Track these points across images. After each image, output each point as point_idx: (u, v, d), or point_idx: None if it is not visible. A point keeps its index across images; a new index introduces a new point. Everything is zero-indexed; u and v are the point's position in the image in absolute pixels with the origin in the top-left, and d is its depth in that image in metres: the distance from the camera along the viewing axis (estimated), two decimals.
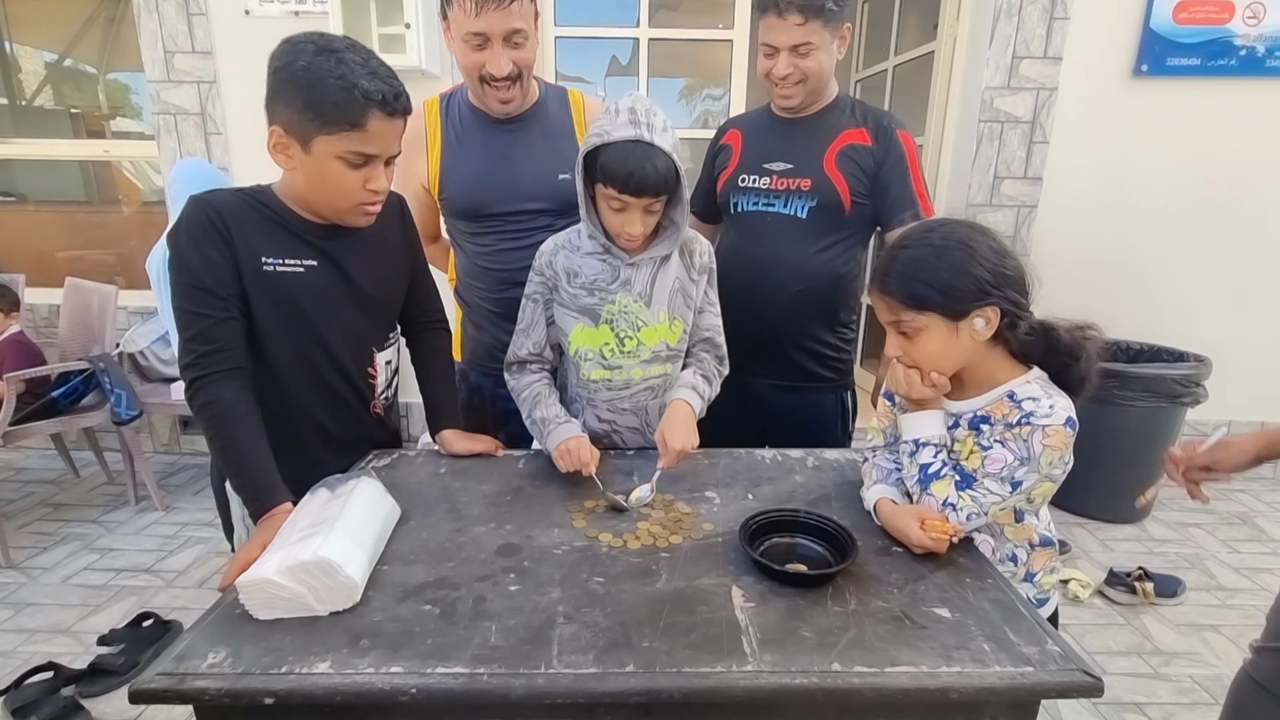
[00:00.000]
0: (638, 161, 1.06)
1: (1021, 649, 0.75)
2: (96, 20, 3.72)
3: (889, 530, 0.97)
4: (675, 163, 1.09)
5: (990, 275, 0.88)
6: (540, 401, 1.26)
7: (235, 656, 0.73)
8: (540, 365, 1.31)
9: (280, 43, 0.98)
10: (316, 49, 0.94)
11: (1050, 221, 2.71)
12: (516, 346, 1.30)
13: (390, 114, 0.98)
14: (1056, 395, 0.91)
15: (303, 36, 0.97)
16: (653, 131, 1.07)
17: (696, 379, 1.26)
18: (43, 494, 2.76)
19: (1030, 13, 2.52)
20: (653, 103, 1.11)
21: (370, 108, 0.95)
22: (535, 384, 1.28)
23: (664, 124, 1.10)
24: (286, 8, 2.59)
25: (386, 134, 1.00)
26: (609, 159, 1.07)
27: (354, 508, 0.91)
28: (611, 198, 1.10)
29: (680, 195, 1.15)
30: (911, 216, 1.43)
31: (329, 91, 0.93)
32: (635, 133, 1.06)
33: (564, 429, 1.20)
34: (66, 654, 1.79)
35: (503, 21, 1.23)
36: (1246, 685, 1.13)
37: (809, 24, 1.33)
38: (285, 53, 0.96)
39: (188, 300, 1.00)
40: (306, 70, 0.93)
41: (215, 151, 2.74)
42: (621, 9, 2.91)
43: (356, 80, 0.94)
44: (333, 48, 0.95)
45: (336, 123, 0.95)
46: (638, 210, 1.11)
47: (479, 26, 1.22)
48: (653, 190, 1.08)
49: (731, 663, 0.73)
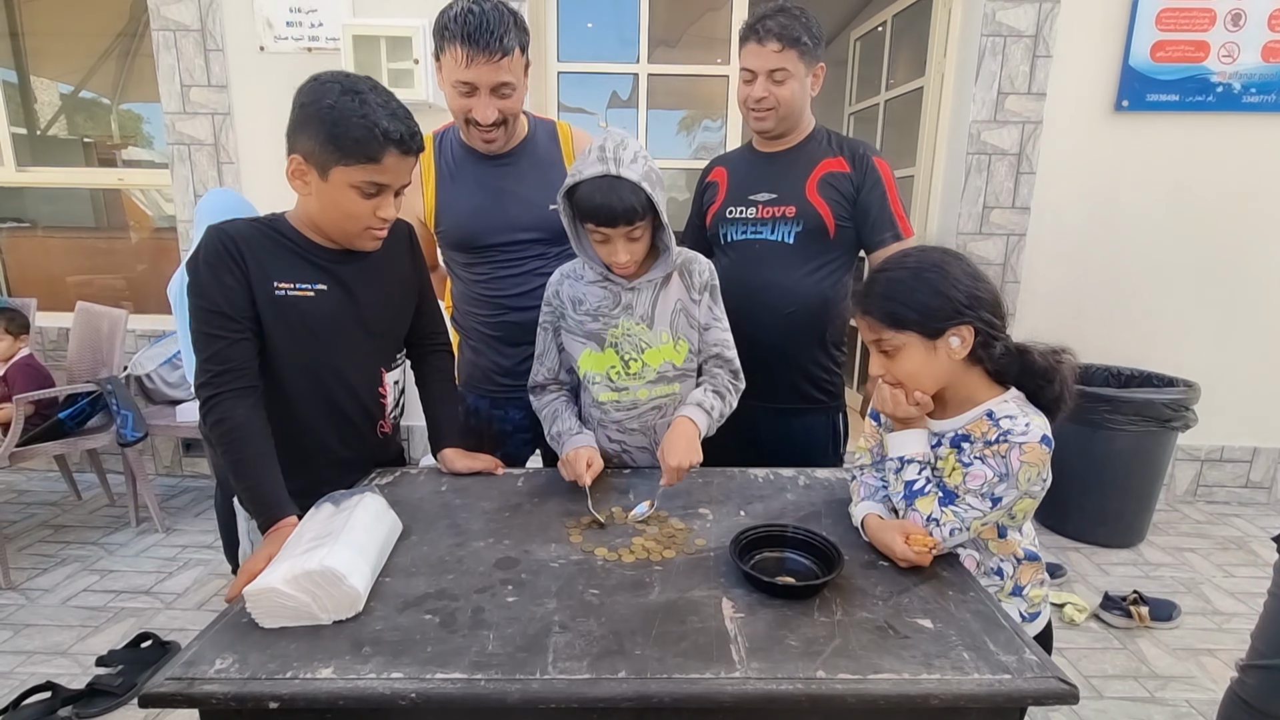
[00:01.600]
0: (604, 195, 1.12)
1: (1000, 658, 0.77)
2: (112, 54, 3.85)
3: (875, 544, 1.01)
4: (646, 191, 1.14)
5: (964, 296, 0.94)
6: (557, 416, 1.32)
7: (242, 662, 0.76)
8: (558, 387, 1.38)
9: (308, 79, 1.05)
10: (343, 89, 1.02)
11: (1039, 250, 2.78)
12: (534, 373, 1.37)
13: (405, 152, 1.05)
14: (1033, 414, 0.96)
15: (330, 76, 1.04)
16: (620, 165, 1.12)
17: (705, 395, 1.29)
18: (44, 515, 2.78)
19: (1014, 50, 2.62)
20: (626, 137, 1.17)
21: (389, 146, 1.03)
22: (553, 401, 1.35)
23: (634, 155, 1.15)
24: (300, 44, 2.69)
25: (400, 168, 1.07)
26: (581, 195, 1.15)
27: (358, 521, 0.94)
28: (592, 230, 1.18)
29: (660, 220, 1.20)
30: (892, 237, 1.51)
31: (352, 129, 1.00)
32: (603, 169, 1.12)
33: (574, 440, 1.26)
34: (65, 675, 1.80)
35: (491, 75, 1.28)
36: (1234, 704, 1.15)
37: (785, 52, 1.44)
38: (313, 90, 1.03)
39: (204, 323, 1.05)
40: (333, 109, 1.00)
41: (227, 180, 2.82)
42: (622, 45, 3.03)
43: (378, 120, 1.01)
44: (358, 89, 1.02)
45: (355, 156, 1.02)
46: (619, 239, 1.17)
47: (468, 76, 1.28)
48: (624, 219, 1.14)
49: (720, 669, 0.75)
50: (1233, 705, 1.15)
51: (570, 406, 1.35)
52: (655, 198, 1.16)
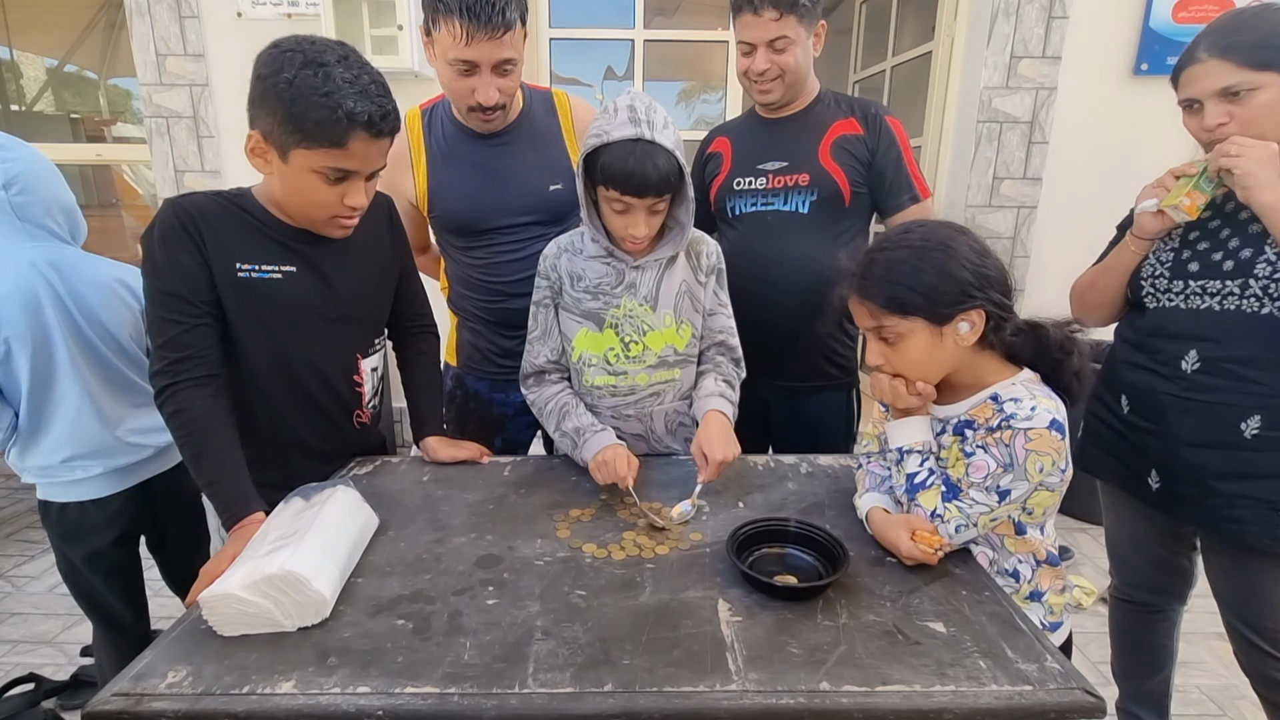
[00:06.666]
0: (639, 161, 1.02)
1: (1019, 666, 0.71)
2: (97, 26, 3.72)
3: (880, 541, 0.94)
4: (678, 160, 1.06)
5: (972, 276, 0.86)
6: (569, 412, 1.20)
7: (196, 675, 0.70)
8: (560, 374, 1.27)
9: (268, 46, 0.93)
10: (305, 60, 0.90)
11: (1051, 222, 2.68)
12: (533, 355, 1.25)
13: (376, 135, 0.94)
14: (1042, 397, 0.87)
15: (292, 44, 0.92)
16: (654, 129, 1.03)
17: (722, 386, 1.22)
18: (32, 500, 2.73)
19: (1028, 12, 2.49)
20: (652, 99, 1.08)
21: (354, 128, 0.91)
22: (560, 394, 1.24)
23: (665, 121, 1.06)
24: (279, 10, 2.57)
25: (370, 152, 0.96)
26: (609, 160, 1.04)
27: (328, 518, 0.88)
28: (614, 199, 1.07)
29: (685, 194, 1.12)
30: (910, 199, 1.43)
31: (312, 109, 0.89)
32: (635, 131, 1.02)
33: (600, 437, 1.15)
34: (50, 665, 1.76)
35: (494, 51, 1.17)
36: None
37: (784, 19, 1.32)
38: (271, 60, 0.91)
39: (159, 306, 0.97)
40: (291, 84, 0.89)
41: (207, 155, 2.72)
42: (618, 13, 2.90)
43: (341, 100, 0.89)
44: (322, 60, 0.90)
45: (316, 139, 0.91)
46: (641, 211, 1.08)
47: (468, 55, 1.17)
48: (655, 190, 1.05)
49: (715, 681, 0.69)
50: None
51: (580, 400, 1.24)
52: (686, 170, 1.08)
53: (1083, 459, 1.31)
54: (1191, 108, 1.10)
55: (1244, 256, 1.04)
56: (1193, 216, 1.08)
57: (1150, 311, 1.16)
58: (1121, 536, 1.40)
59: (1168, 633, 1.44)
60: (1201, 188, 1.06)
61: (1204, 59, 1.05)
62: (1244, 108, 1.03)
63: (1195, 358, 1.09)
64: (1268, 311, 1.02)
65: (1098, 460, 1.29)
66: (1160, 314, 1.15)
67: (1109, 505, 1.39)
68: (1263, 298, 1.02)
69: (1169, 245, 1.15)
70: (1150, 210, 1.11)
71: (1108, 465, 1.28)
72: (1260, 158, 0.98)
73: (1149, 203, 1.12)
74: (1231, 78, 1.02)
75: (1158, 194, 1.11)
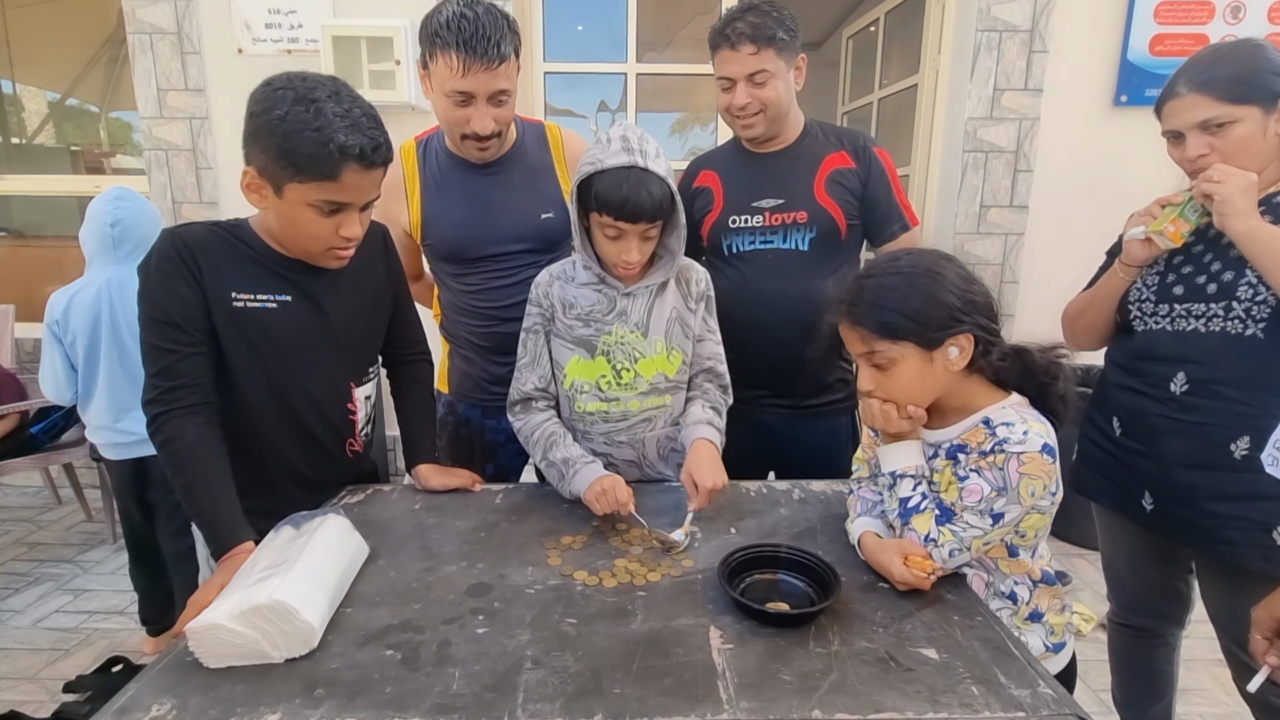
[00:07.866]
0: (632, 188, 1.05)
1: (1012, 692, 0.71)
2: (99, 61, 3.79)
3: (873, 565, 0.94)
4: (670, 188, 1.09)
5: (959, 301, 0.87)
6: (556, 442, 1.20)
7: (181, 709, 0.69)
8: (548, 402, 1.26)
9: (261, 84, 0.95)
10: (296, 97, 0.91)
11: (1037, 249, 2.72)
12: (521, 382, 1.25)
13: (368, 166, 0.96)
14: (1033, 421, 0.89)
15: (284, 81, 0.94)
16: (646, 158, 1.06)
17: (710, 413, 1.23)
18: (19, 532, 2.70)
19: (1010, 46, 2.57)
20: (644, 131, 1.11)
21: (346, 161, 0.93)
22: (546, 424, 1.23)
23: (656, 150, 1.09)
24: (279, 46, 2.63)
25: (363, 184, 0.98)
26: (603, 186, 1.06)
27: (317, 547, 0.87)
28: (607, 225, 1.09)
29: (676, 221, 1.14)
30: (900, 228, 1.45)
31: (304, 144, 0.91)
32: (629, 159, 1.05)
33: (591, 469, 1.14)
34: (31, 702, 1.72)
35: (489, 82, 1.21)
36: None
37: (762, 53, 1.34)
38: (264, 98, 0.93)
39: (154, 334, 0.97)
40: (284, 120, 0.90)
41: (205, 186, 2.75)
42: (611, 47, 2.97)
43: (333, 135, 0.91)
44: (313, 96, 0.92)
45: (309, 174, 0.93)
46: (634, 237, 1.10)
47: (464, 86, 1.20)
48: (649, 216, 1.07)
49: (706, 710, 0.69)
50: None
51: (568, 430, 1.24)
52: (678, 198, 1.10)
53: (1077, 482, 1.32)
54: (1175, 139, 1.13)
55: (1226, 279, 1.07)
56: (1177, 243, 1.10)
57: (1138, 334, 1.18)
58: (1118, 560, 1.39)
59: (1167, 658, 1.42)
60: (1186, 215, 1.09)
61: (1183, 93, 1.08)
62: (1223, 140, 1.06)
63: (1184, 379, 1.10)
64: (1251, 333, 1.04)
65: (1092, 483, 1.30)
66: (1148, 337, 1.16)
67: (1104, 529, 1.39)
68: (1245, 319, 1.04)
69: (1154, 269, 1.17)
70: (1138, 238, 1.14)
71: (1102, 488, 1.28)
72: (1240, 186, 1.01)
73: (1136, 230, 1.14)
74: (1210, 111, 1.05)
75: (1145, 221, 1.13)
